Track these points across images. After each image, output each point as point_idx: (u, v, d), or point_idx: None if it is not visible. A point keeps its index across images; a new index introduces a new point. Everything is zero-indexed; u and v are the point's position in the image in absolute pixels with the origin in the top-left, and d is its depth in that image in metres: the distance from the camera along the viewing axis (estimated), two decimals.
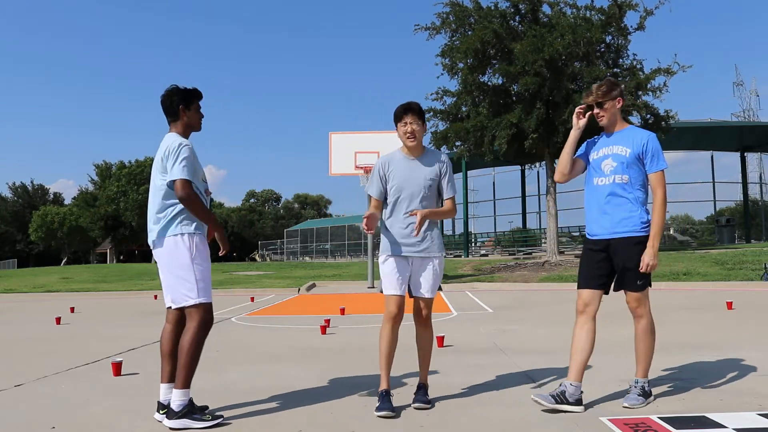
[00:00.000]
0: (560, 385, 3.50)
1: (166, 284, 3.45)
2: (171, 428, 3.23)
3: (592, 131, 4.25)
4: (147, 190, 46.44)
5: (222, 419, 3.31)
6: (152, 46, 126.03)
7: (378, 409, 3.42)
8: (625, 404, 3.44)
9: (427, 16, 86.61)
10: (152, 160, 3.55)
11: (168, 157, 3.38)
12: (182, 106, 3.53)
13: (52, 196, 72.64)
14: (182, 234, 3.39)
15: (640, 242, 3.50)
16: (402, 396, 3.82)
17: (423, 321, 3.70)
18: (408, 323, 3.90)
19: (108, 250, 60.29)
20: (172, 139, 3.44)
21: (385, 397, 3.48)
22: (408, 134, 3.65)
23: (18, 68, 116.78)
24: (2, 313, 11.32)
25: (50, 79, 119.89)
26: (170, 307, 3.50)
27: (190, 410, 3.27)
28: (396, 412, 3.42)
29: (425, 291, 3.67)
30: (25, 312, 11.52)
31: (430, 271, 3.67)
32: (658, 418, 3.19)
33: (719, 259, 16.68)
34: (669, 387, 3.93)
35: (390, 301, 3.58)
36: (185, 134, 3.56)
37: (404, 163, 3.71)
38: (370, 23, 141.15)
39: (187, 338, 3.32)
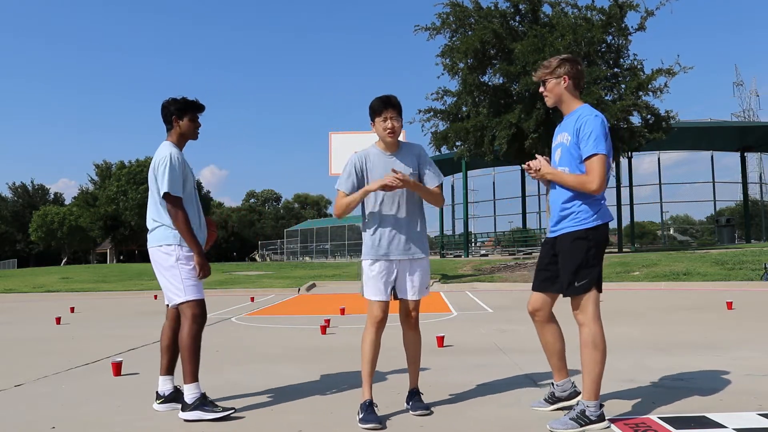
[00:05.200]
0: (551, 385, 3.49)
1: (161, 285, 3.67)
2: (185, 420, 3.38)
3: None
4: (147, 190, 46.67)
5: (233, 410, 3.43)
6: (152, 46, 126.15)
7: (363, 420, 3.19)
8: (548, 426, 3.07)
9: (427, 16, 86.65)
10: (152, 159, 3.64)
11: (157, 168, 3.58)
12: (175, 117, 3.71)
13: (52, 196, 72.67)
14: (169, 244, 3.58)
15: (580, 237, 3.13)
16: (400, 398, 3.82)
17: (413, 324, 3.54)
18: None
19: (108, 250, 60.25)
20: (161, 152, 3.63)
21: (369, 408, 3.26)
22: (388, 130, 3.43)
23: (18, 68, 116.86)
24: (2, 313, 11.32)
25: (50, 79, 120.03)
26: (168, 305, 3.72)
27: (202, 402, 3.42)
28: (383, 423, 3.21)
29: (414, 294, 3.50)
30: (25, 312, 11.52)
31: (417, 273, 3.51)
32: (658, 418, 3.19)
33: (719, 259, 16.67)
34: (669, 387, 3.93)
35: (376, 306, 3.41)
36: (179, 143, 3.76)
37: (383, 161, 3.50)
38: (370, 23, 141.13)
39: (183, 335, 3.52)
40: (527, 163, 3.33)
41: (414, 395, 3.54)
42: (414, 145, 3.63)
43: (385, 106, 3.43)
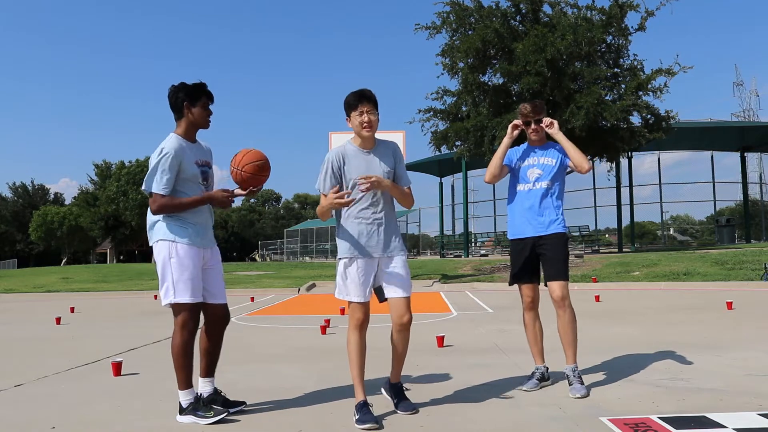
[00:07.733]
0: (536, 369, 4.10)
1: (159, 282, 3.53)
2: (180, 422, 3.36)
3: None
4: None
5: (226, 414, 3.38)
6: (152, 46, 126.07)
7: (360, 421, 3.17)
8: (578, 395, 3.68)
9: (427, 16, 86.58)
10: None
11: (151, 162, 3.42)
12: (187, 103, 3.47)
13: (52, 195, 72.70)
14: (164, 240, 3.43)
15: (565, 237, 4.07)
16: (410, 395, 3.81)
17: (407, 325, 3.44)
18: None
19: (108, 250, 60.24)
20: (160, 145, 3.44)
21: (364, 408, 3.25)
22: (365, 124, 3.36)
23: (18, 68, 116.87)
24: (2, 313, 11.32)
25: (50, 79, 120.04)
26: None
27: (195, 407, 3.38)
28: (380, 423, 3.21)
29: (404, 289, 3.43)
30: (25, 312, 11.52)
31: (402, 268, 3.44)
32: (658, 418, 3.19)
33: (719, 259, 16.66)
34: (669, 387, 3.93)
35: (357, 308, 3.38)
36: (189, 133, 3.54)
37: (360, 157, 3.44)
38: (370, 22, 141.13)
39: (173, 343, 3.41)
40: (545, 119, 4.12)
41: (399, 392, 3.53)
42: (389, 142, 3.59)
43: (360, 100, 3.37)
